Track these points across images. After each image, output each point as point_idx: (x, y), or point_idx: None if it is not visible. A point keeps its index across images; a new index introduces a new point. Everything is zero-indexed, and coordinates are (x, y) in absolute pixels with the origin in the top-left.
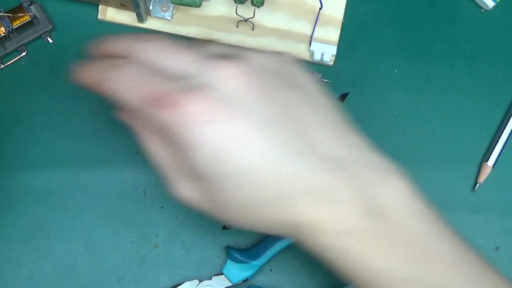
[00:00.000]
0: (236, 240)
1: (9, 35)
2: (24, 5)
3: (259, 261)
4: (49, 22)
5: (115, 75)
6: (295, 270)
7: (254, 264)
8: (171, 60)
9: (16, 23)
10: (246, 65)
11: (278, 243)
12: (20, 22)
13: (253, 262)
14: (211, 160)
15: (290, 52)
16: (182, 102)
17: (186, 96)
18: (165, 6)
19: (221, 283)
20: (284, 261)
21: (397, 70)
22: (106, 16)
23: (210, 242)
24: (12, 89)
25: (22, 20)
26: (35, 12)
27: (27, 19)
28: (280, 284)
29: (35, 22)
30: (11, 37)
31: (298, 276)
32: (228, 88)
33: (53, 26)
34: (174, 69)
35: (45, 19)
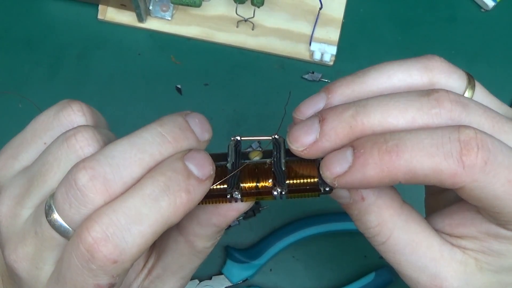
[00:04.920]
0: (236, 240)
1: None
2: None
3: (259, 261)
4: None
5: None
6: (295, 270)
7: (254, 264)
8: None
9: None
10: None
11: (278, 243)
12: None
13: (253, 262)
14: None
15: (290, 52)
16: None
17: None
18: (165, 6)
19: (221, 283)
20: (284, 261)
21: None
22: (106, 16)
23: None
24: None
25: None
26: None
27: None
28: (280, 284)
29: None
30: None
31: (298, 276)
32: None
33: None
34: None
35: None
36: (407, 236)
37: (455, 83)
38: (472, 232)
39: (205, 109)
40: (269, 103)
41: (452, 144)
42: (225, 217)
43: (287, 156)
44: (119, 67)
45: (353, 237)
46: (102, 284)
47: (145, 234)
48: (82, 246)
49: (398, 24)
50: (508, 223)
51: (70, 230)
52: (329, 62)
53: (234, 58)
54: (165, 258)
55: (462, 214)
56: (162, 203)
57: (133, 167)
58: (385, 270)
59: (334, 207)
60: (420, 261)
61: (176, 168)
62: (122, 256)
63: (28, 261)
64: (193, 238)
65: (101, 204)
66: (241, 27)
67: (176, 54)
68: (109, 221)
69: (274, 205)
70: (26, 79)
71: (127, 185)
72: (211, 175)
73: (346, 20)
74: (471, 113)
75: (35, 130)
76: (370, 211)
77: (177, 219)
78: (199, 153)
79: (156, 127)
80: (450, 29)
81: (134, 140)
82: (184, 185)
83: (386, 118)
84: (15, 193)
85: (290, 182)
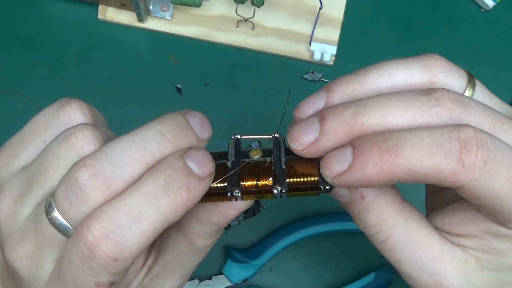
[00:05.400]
0: (236, 240)
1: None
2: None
3: (259, 261)
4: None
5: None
6: (295, 270)
7: (254, 264)
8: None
9: None
10: None
11: (278, 243)
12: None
13: (253, 262)
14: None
15: (290, 51)
16: None
17: None
18: (165, 6)
19: (221, 282)
20: (284, 261)
21: None
22: (106, 16)
23: None
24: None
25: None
26: None
27: None
28: (280, 284)
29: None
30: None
31: (298, 276)
32: None
33: None
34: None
35: None
36: (407, 234)
37: (455, 82)
38: (472, 230)
39: (205, 109)
40: (269, 103)
41: (452, 143)
42: (225, 215)
43: (288, 155)
44: (119, 67)
45: (353, 237)
46: (102, 282)
47: (145, 232)
48: (83, 244)
49: (398, 24)
50: (508, 221)
51: (71, 228)
52: (329, 62)
53: (234, 58)
54: (165, 256)
55: (462, 213)
56: (162, 201)
57: (133, 165)
58: (385, 270)
59: (334, 207)
60: (421, 260)
61: (176, 166)
62: (122, 254)
63: (28, 259)
64: (193, 236)
65: (102, 202)
66: (241, 27)
67: (176, 54)
68: (109, 219)
69: (274, 205)
70: (26, 79)
71: (127, 183)
72: (211, 173)
73: (346, 20)
74: (471, 112)
75: (35, 129)
76: (370, 209)
77: (178, 217)
78: (199, 151)
79: (156, 125)
80: (450, 29)
81: (134, 138)
82: (184, 183)
83: (386, 117)
84: (15, 191)
85: (290, 181)
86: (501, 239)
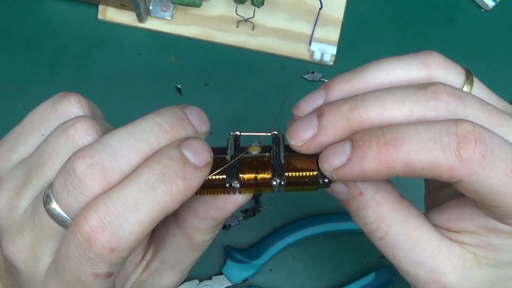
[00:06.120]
0: (236, 240)
1: None
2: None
3: (259, 261)
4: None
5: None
6: (295, 270)
7: (254, 264)
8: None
9: None
10: None
11: (278, 243)
12: None
13: (253, 262)
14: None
15: (290, 52)
16: None
17: None
18: (165, 6)
19: (221, 283)
20: (284, 261)
21: None
22: (106, 16)
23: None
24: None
25: None
26: None
27: None
28: (280, 284)
29: None
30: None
31: (298, 276)
32: None
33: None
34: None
35: None
36: (405, 231)
37: (453, 78)
38: (470, 226)
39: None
40: (269, 103)
41: (450, 137)
42: (223, 210)
43: (286, 151)
44: (119, 67)
45: (353, 237)
46: (100, 273)
47: (142, 222)
48: (80, 235)
49: (398, 24)
50: (506, 217)
51: (68, 219)
52: (329, 62)
53: (234, 58)
54: (163, 251)
55: (460, 209)
56: (159, 190)
57: (131, 155)
58: (385, 270)
59: (334, 207)
60: (419, 256)
61: (172, 156)
62: (119, 244)
63: (26, 252)
64: (191, 231)
65: (99, 192)
66: (241, 27)
67: (176, 54)
68: (106, 209)
69: (274, 205)
70: (26, 79)
71: (125, 173)
72: (209, 163)
73: (346, 20)
74: (468, 106)
75: (33, 122)
76: (368, 206)
77: (174, 207)
78: (196, 141)
79: (153, 117)
80: (450, 29)
81: (132, 129)
82: (181, 172)
83: (384, 111)
84: (13, 184)
85: (289, 175)
86: (499, 235)
